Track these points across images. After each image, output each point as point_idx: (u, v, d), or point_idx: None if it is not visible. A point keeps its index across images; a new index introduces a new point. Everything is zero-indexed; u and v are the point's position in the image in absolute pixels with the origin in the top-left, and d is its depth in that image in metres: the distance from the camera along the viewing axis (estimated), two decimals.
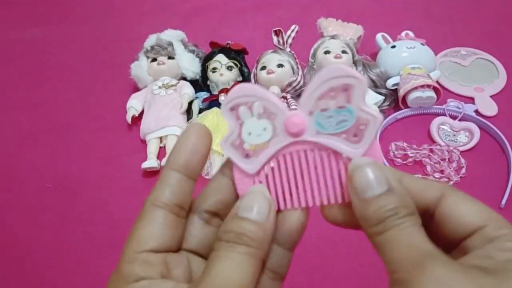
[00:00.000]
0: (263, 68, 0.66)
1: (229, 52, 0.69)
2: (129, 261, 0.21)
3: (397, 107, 0.68)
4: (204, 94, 0.68)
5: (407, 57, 0.68)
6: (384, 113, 0.66)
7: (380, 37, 0.74)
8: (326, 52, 0.67)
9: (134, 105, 0.67)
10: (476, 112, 0.66)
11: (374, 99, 0.65)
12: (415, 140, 0.62)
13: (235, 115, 0.23)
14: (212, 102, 0.66)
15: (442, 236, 0.21)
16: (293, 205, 0.23)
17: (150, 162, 0.60)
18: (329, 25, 0.73)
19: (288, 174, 0.23)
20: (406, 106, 0.67)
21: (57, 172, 0.62)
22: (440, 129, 0.64)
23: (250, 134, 0.23)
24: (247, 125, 0.23)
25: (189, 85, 0.68)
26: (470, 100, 0.69)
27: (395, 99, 0.68)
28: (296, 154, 0.23)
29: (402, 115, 0.67)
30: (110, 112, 0.70)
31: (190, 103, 0.67)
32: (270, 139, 0.23)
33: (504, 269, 0.17)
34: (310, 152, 0.23)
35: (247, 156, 0.23)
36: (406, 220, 0.19)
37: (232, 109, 0.23)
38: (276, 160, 0.23)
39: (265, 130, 0.23)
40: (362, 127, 0.22)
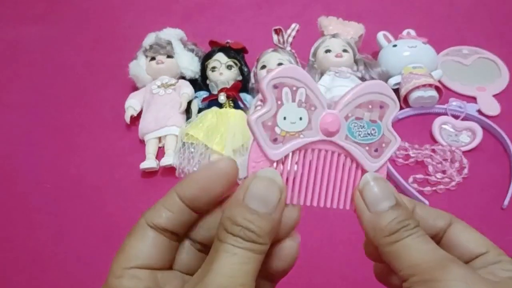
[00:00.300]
0: (263, 67, 0.66)
1: (228, 51, 0.68)
2: (117, 276, 0.21)
3: None
4: (203, 94, 0.68)
5: (409, 56, 0.68)
6: None
7: (381, 36, 0.73)
8: (327, 51, 0.67)
9: (132, 104, 0.67)
10: (478, 111, 0.66)
11: None
12: (417, 140, 0.62)
13: (277, 94, 0.22)
14: (211, 102, 0.65)
15: None
16: (303, 201, 0.23)
17: (149, 162, 0.60)
18: (329, 23, 0.72)
19: (308, 170, 0.23)
20: (407, 105, 0.67)
21: (55, 172, 0.62)
22: (442, 129, 0.64)
23: (285, 118, 0.22)
24: (285, 108, 0.22)
25: (188, 84, 0.68)
26: (472, 99, 0.68)
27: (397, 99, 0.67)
28: (322, 152, 0.23)
29: (403, 115, 0.66)
30: (108, 111, 0.70)
31: (189, 103, 0.67)
32: (302, 130, 0.22)
33: (506, 282, 0.20)
34: (335, 154, 0.23)
35: (275, 140, 0.22)
36: (417, 230, 0.21)
37: (276, 86, 0.22)
38: (301, 153, 0.23)
39: (301, 119, 0.22)
40: (383, 145, 0.23)
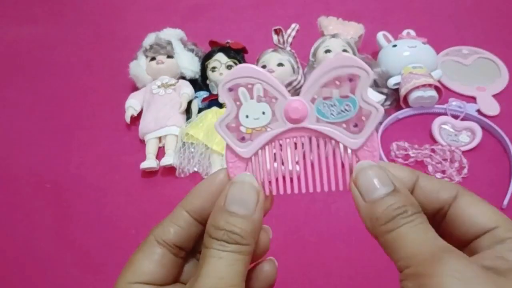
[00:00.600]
0: (263, 67, 0.66)
1: (228, 51, 0.68)
2: None
3: (398, 107, 0.67)
4: (203, 94, 0.68)
5: (409, 56, 0.67)
6: (385, 112, 0.65)
7: (381, 36, 0.73)
8: (327, 51, 0.67)
9: (133, 104, 0.67)
10: (478, 111, 0.66)
11: (375, 99, 0.64)
12: (417, 140, 0.62)
13: (234, 96, 0.22)
14: (211, 102, 0.65)
15: (452, 235, 0.21)
16: (284, 191, 0.23)
17: (149, 162, 0.60)
18: (329, 24, 0.72)
19: (282, 160, 0.23)
20: (407, 105, 0.66)
21: (55, 172, 0.62)
22: (441, 129, 0.64)
23: (247, 117, 0.22)
24: (245, 107, 0.22)
25: (188, 84, 0.68)
26: (472, 99, 0.68)
27: (396, 99, 0.67)
28: (293, 140, 0.23)
29: (403, 115, 0.66)
30: (108, 111, 0.70)
31: (190, 103, 0.67)
32: (268, 124, 0.22)
33: None
34: (308, 139, 0.23)
35: (243, 139, 0.23)
36: (415, 217, 0.20)
37: (230, 89, 0.22)
38: (272, 145, 0.23)
39: (263, 114, 0.22)
40: (363, 118, 0.22)
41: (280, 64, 0.65)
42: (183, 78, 0.69)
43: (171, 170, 0.60)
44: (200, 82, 0.70)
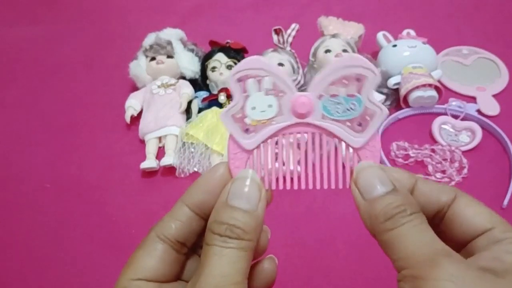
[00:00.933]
0: None
1: (229, 51, 0.68)
2: (122, 286, 0.21)
3: (398, 107, 0.67)
4: (203, 94, 0.68)
5: (409, 56, 0.67)
6: None
7: (381, 36, 0.73)
8: (327, 51, 0.67)
9: (133, 104, 0.67)
10: (478, 111, 0.66)
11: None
12: (417, 140, 0.62)
13: (242, 87, 0.22)
14: (211, 102, 0.65)
15: (450, 236, 0.21)
16: (283, 187, 0.23)
17: (149, 162, 0.60)
18: (329, 23, 0.72)
19: (285, 155, 0.23)
20: (407, 105, 0.66)
21: (55, 172, 0.62)
22: (441, 128, 0.64)
23: (254, 108, 0.22)
24: (253, 99, 0.22)
25: (188, 84, 0.68)
26: (472, 99, 0.68)
27: (396, 99, 0.67)
28: (296, 136, 0.23)
29: (403, 115, 0.66)
30: (108, 111, 0.70)
31: (190, 103, 0.67)
32: (274, 117, 0.22)
33: (510, 272, 0.18)
34: (311, 136, 0.23)
35: (247, 131, 0.23)
36: (414, 217, 0.20)
37: (239, 80, 0.22)
38: (275, 139, 0.23)
39: (270, 107, 0.22)
40: (367, 118, 0.22)
41: (280, 64, 0.65)
42: (183, 78, 0.69)
43: (171, 170, 0.60)
44: (200, 82, 0.70)
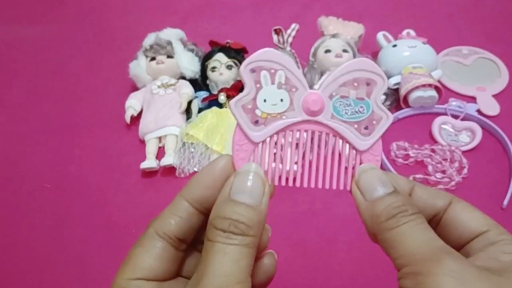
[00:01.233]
0: None
1: (229, 51, 0.68)
2: (121, 286, 0.21)
3: (398, 107, 0.67)
4: (203, 94, 0.68)
5: (409, 56, 0.67)
6: None
7: (381, 36, 0.73)
8: (327, 51, 0.67)
9: (133, 104, 0.67)
10: (478, 111, 0.66)
11: None
12: (417, 140, 0.62)
13: (255, 78, 0.22)
14: (211, 102, 0.65)
15: (447, 240, 0.21)
16: (286, 183, 0.23)
17: (149, 162, 0.60)
18: (329, 24, 0.72)
19: (290, 150, 0.23)
20: (407, 105, 0.66)
21: (55, 172, 0.62)
22: (441, 129, 0.64)
23: (265, 101, 0.22)
24: (265, 91, 0.22)
25: (188, 84, 0.68)
26: (472, 99, 0.68)
27: (396, 99, 0.67)
28: (305, 132, 0.23)
29: (403, 115, 0.66)
30: (108, 111, 0.70)
31: (190, 103, 0.67)
32: (284, 112, 0.23)
33: (510, 269, 0.19)
34: (319, 134, 0.23)
35: (257, 122, 0.23)
36: (415, 217, 0.20)
37: (253, 70, 0.22)
38: (283, 134, 0.23)
39: (282, 101, 0.22)
40: (374, 122, 0.23)
41: None
42: (183, 78, 0.69)
43: (171, 170, 0.60)
44: (200, 82, 0.70)
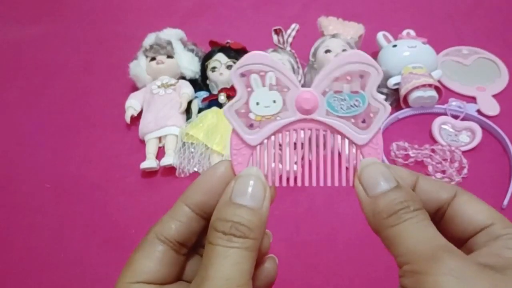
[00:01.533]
0: None
1: (229, 51, 0.68)
2: None
3: (398, 107, 0.67)
4: (203, 94, 0.68)
5: (409, 56, 0.67)
6: None
7: (381, 36, 0.73)
8: (327, 51, 0.67)
9: (133, 104, 0.67)
10: (478, 111, 0.66)
11: None
12: (417, 140, 0.62)
13: (245, 82, 0.22)
14: (211, 102, 0.65)
15: (451, 233, 0.21)
16: (286, 183, 0.23)
17: (149, 162, 0.60)
18: (329, 24, 0.72)
19: (289, 151, 0.23)
20: (407, 105, 0.66)
21: (55, 172, 0.62)
22: (441, 129, 0.64)
23: (258, 104, 0.22)
24: (257, 94, 0.22)
25: (188, 84, 0.68)
26: (472, 99, 0.68)
27: (396, 99, 0.67)
28: (302, 131, 0.23)
29: (403, 115, 0.66)
30: (108, 111, 0.70)
31: (190, 103, 0.67)
32: (278, 113, 0.22)
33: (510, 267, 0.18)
34: (316, 132, 0.23)
35: (251, 126, 0.22)
36: (418, 214, 0.20)
37: (243, 75, 0.22)
38: (280, 135, 0.23)
39: (274, 102, 0.22)
40: (371, 115, 0.22)
41: None
42: (183, 78, 0.69)
43: (171, 170, 0.60)
44: (200, 82, 0.70)
